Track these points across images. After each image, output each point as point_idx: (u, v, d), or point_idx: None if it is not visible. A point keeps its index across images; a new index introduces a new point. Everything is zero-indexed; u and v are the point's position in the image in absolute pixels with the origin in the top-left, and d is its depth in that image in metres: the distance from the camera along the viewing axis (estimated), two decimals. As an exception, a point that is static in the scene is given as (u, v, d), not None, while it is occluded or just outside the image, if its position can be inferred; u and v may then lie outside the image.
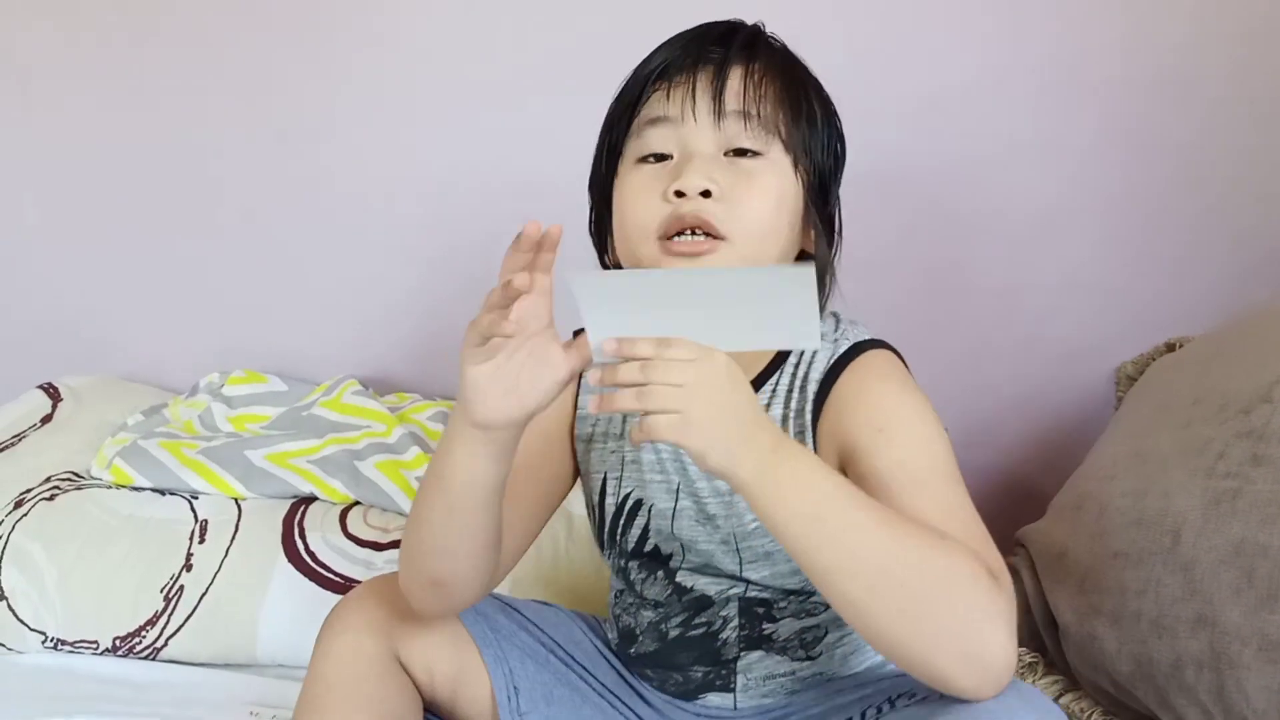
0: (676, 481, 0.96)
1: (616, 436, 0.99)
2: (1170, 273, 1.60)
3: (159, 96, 1.66)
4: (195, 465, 1.45)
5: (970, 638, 0.70)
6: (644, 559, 1.00)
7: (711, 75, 0.87)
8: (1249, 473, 1.09)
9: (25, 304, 1.80)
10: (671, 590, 0.99)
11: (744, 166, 0.87)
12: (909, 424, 0.85)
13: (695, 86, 0.87)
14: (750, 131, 0.87)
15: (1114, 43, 1.50)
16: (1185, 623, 1.08)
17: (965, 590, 0.71)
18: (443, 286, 1.73)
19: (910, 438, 0.83)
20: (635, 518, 0.98)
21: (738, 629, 0.97)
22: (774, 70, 0.89)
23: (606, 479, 0.99)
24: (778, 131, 0.88)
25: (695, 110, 0.87)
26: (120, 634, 1.31)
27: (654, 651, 1.02)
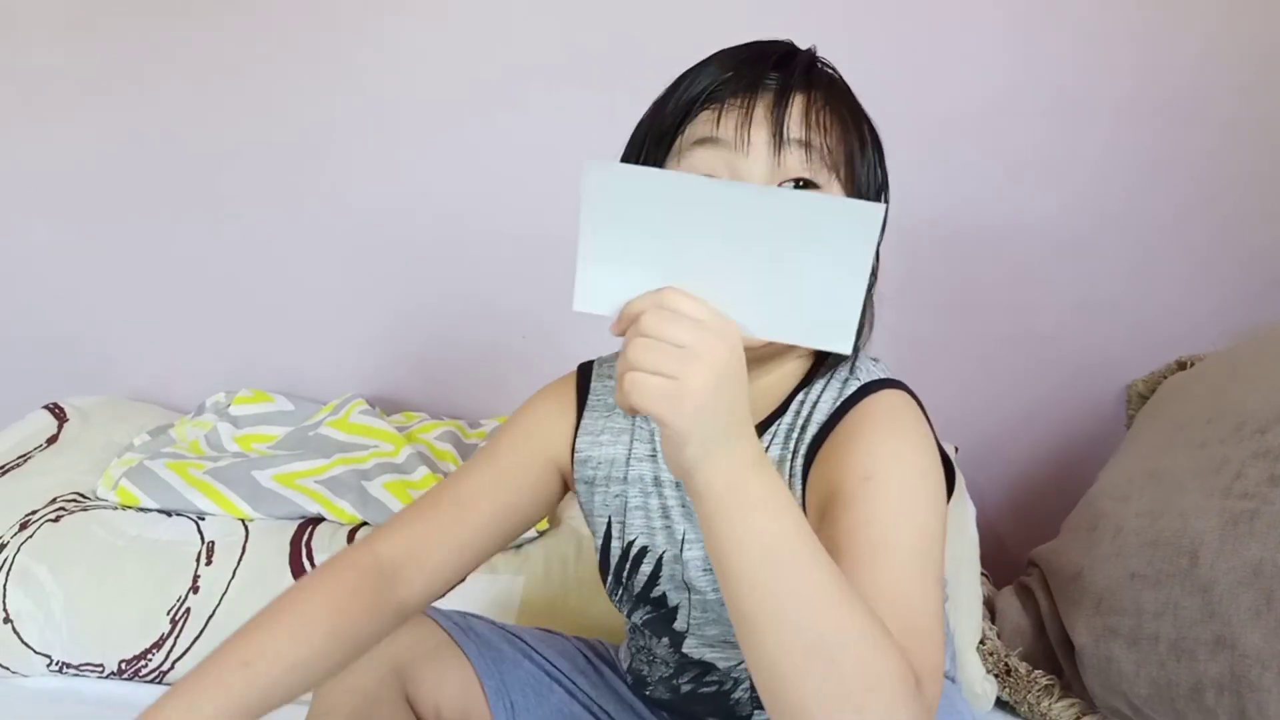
0: (682, 530, 0.91)
1: (620, 480, 0.95)
2: (1180, 291, 1.60)
3: (165, 117, 1.66)
4: (202, 486, 1.44)
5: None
6: (651, 609, 0.96)
7: (771, 102, 0.80)
8: (1267, 493, 1.08)
9: (31, 323, 1.80)
10: (680, 658, 0.97)
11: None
12: (899, 480, 0.76)
13: (753, 112, 0.80)
14: (810, 163, 0.80)
15: (1126, 65, 1.50)
16: (1204, 645, 1.07)
17: (888, 693, 0.61)
18: (450, 305, 1.72)
19: (894, 496, 0.74)
20: (641, 564, 0.95)
21: (749, 689, 0.94)
22: (835, 100, 0.83)
23: (611, 523, 0.96)
24: (837, 166, 0.81)
25: (750, 137, 0.79)
26: (126, 657, 1.30)
27: (668, 700, 1.00)
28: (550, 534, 1.42)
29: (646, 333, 0.60)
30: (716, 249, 0.62)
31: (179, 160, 1.69)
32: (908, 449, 0.79)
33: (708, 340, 0.60)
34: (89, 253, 1.75)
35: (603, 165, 0.61)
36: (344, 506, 1.42)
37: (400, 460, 1.51)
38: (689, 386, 0.59)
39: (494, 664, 1.00)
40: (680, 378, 0.59)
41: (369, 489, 1.44)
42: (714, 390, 0.60)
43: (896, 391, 0.85)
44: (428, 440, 1.60)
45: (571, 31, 1.56)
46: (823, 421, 0.84)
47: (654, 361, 0.60)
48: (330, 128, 1.65)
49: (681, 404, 0.60)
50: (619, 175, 0.61)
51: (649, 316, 0.61)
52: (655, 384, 0.60)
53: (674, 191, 0.61)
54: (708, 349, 0.60)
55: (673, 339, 0.60)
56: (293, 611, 0.82)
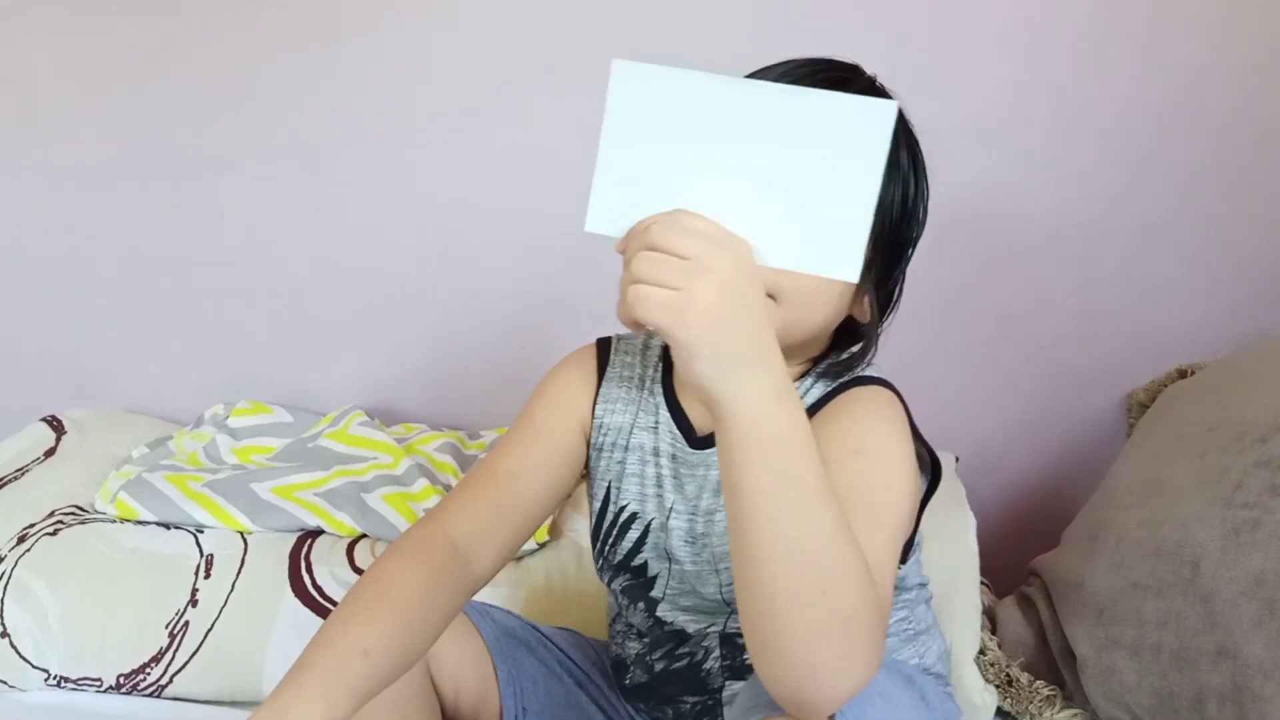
0: (671, 500, 0.95)
1: (622, 448, 0.98)
2: (1181, 299, 1.60)
3: (163, 127, 1.66)
4: (200, 498, 1.43)
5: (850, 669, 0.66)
6: (631, 577, 0.99)
7: None
8: (1268, 502, 1.08)
9: (29, 335, 1.80)
10: (653, 622, 1.00)
11: None
12: (885, 459, 0.80)
13: None
14: None
15: (1124, 71, 1.50)
16: (1206, 655, 1.06)
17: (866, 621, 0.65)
18: (450, 316, 1.72)
19: (880, 471, 0.79)
20: (628, 531, 0.98)
21: (719, 659, 0.98)
22: None
23: (610, 488, 0.99)
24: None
25: None
26: (124, 671, 1.29)
27: (644, 684, 1.03)
28: (550, 547, 1.41)
29: (652, 245, 0.60)
30: (733, 159, 0.61)
31: (177, 170, 1.68)
32: (893, 439, 0.82)
33: (714, 253, 0.60)
34: (86, 264, 1.75)
35: (632, 65, 0.60)
36: (343, 519, 1.41)
37: (400, 472, 1.51)
38: (693, 297, 0.59)
39: (509, 649, 1.03)
40: (684, 289, 0.59)
41: (368, 501, 1.44)
42: (720, 303, 0.59)
43: (883, 389, 0.89)
44: (427, 452, 1.60)
45: (574, 43, 1.56)
46: (813, 403, 0.88)
47: (658, 274, 0.59)
48: (330, 138, 1.65)
49: (685, 315, 0.59)
50: (647, 76, 0.60)
51: (656, 228, 0.60)
52: (658, 295, 0.59)
53: (697, 91, 0.61)
54: (714, 260, 0.59)
55: (678, 251, 0.59)
56: (394, 598, 0.83)
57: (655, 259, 0.60)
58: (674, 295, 0.59)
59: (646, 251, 0.60)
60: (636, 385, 0.99)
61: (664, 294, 0.59)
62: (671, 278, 0.59)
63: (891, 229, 0.87)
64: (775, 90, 0.60)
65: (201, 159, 1.67)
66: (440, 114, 1.62)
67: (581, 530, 1.44)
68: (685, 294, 0.59)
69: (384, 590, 0.83)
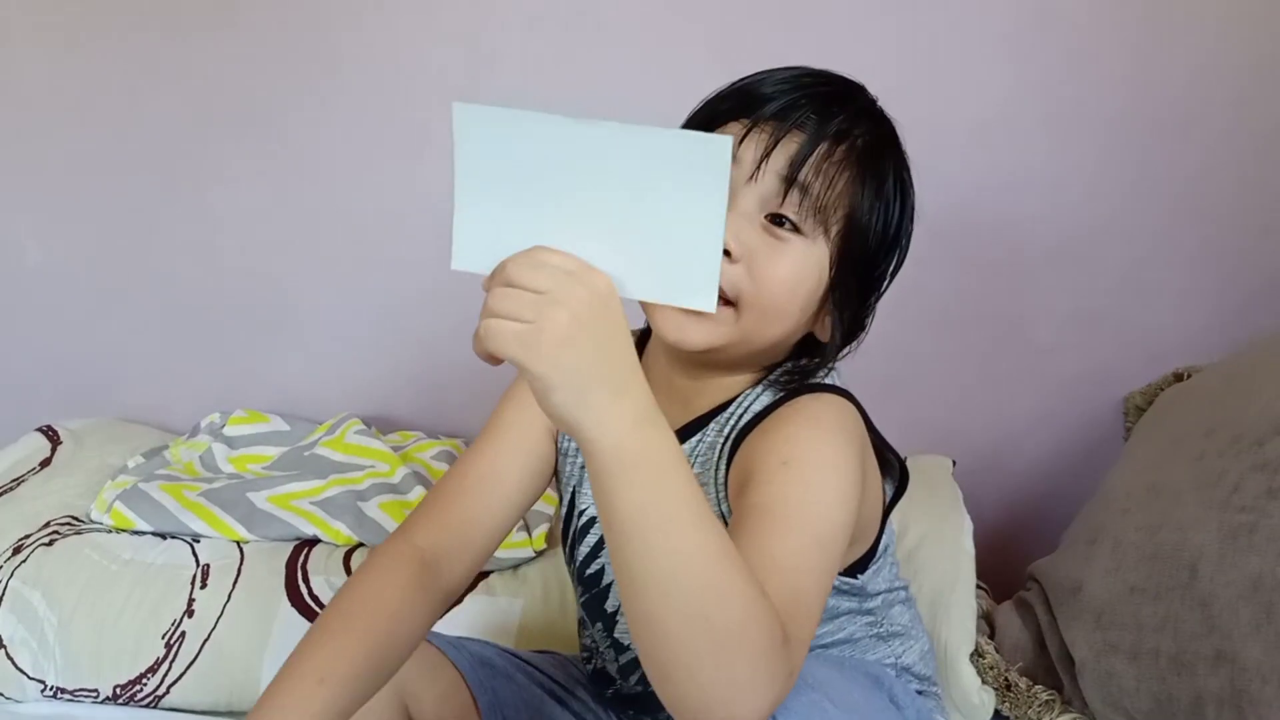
0: None
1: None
2: (1177, 302, 1.60)
3: (160, 137, 1.65)
4: (196, 508, 1.43)
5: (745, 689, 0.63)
6: (584, 589, 0.99)
7: (799, 141, 0.81)
8: (1265, 506, 1.08)
9: (25, 345, 1.79)
10: (610, 644, 0.99)
11: (778, 235, 0.82)
12: (815, 469, 0.78)
13: (776, 145, 0.81)
14: (801, 209, 0.81)
15: (1120, 77, 1.50)
16: (1204, 659, 1.06)
17: (756, 649, 0.63)
18: (446, 324, 1.72)
19: (807, 482, 0.77)
20: (586, 535, 0.97)
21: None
22: (862, 157, 0.83)
23: (575, 493, 0.99)
24: (826, 222, 0.82)
25: (763, 165, 0.81)
26: (121, 682, 1.29)
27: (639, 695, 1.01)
28: (547, 557, 1.41)
29: (508, 281, 0.60)
30: (584, 195, 0.61)
31: (174, 180, 1.68)
32: (827, 446, 0.80)
33: (566, 285, 0.60)
34: (82, 273, 1.74)
35: (471, 107, 0.60)
36: (340, 528, 1.41)
37: (396, 480, 1.51)
38: (544, 329, 0.59)
39: (487, 679, 1.01)
40: (535, 321, 0.59)
41: (365, 510, 1.43)
42: (572, 334, 0.59)
43: (833, 396, 0.87)
44: (424, 460, 1.60)
45: (569, 48, 1.56)
46: (758, 411, 0.86)
47: (511, 308, 0.60)
48: (326, 146, 1.64)
49: (537, 347, 0.59)
50: (488, 117, 0.61)
51: (512, 265, 0.61)
52: (510, 328, 0.59)
53: (539, 131, 0.61)
54: (566, 293, 0.60)
55: (532, 286, 0.60)
56: (356, 619, 0.83)
57: (509, 293, 0.60)
58: (526, 328, 0.59)
59: (501, 288, 0.60)
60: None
61: (516, 327, 0.59)
62: (524, 311, 0.59)
63: (867, 256, 0.86)
64: (615, 129, 0.60)
65: (198, 169, 1.67)
66: (437, 121, 1.62)
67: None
68: (536, 326, 0.59)
69: (349, 611, 0.84)
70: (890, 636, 0.99)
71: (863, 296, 0.88)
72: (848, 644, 0.96)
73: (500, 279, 0.61)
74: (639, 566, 0.63)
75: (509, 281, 0.60)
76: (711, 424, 0.89)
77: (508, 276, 0.61)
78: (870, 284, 0.88)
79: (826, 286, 0.85)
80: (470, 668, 1.01)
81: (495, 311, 0.60)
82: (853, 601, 0.95)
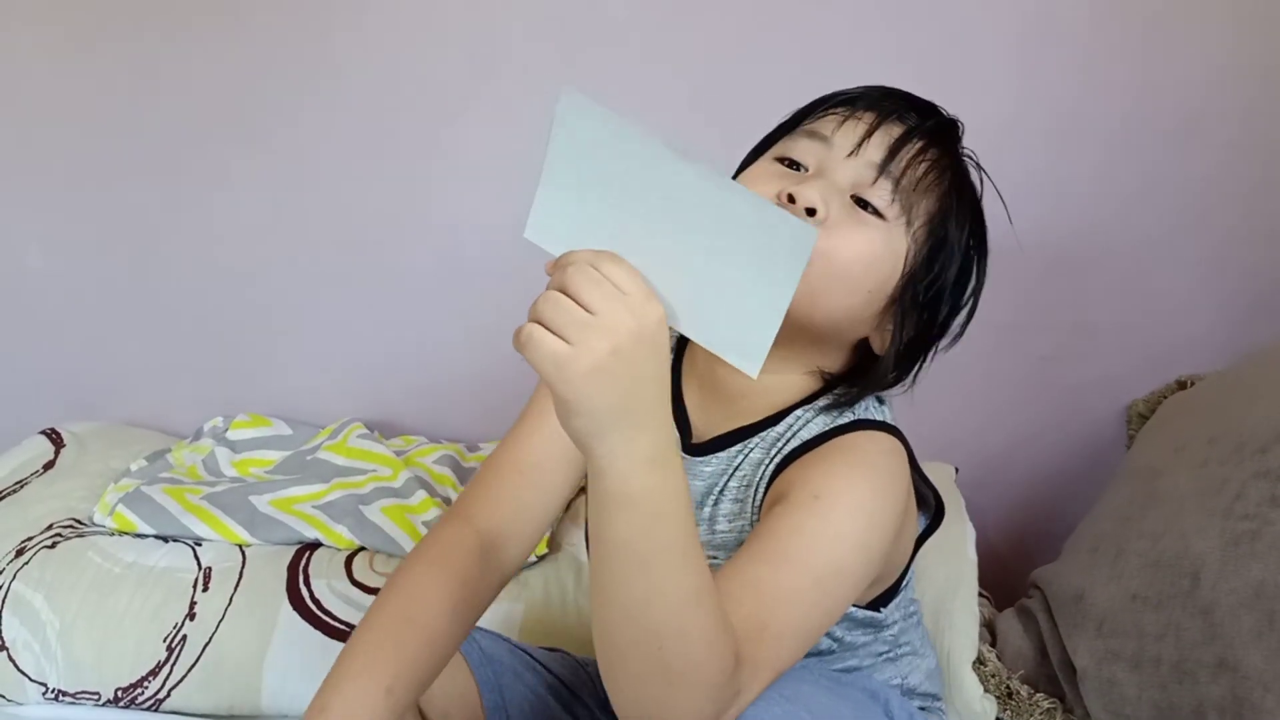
0: None
1: None
2: (1180, 310, 1.60)
3: (161, 143, 1.66)
4: (199, 511, 1.43)
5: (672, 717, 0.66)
6: None
7: (896, 131, 0.84)
8: (1268, 513, 1.08)
9: (29, 349, 1.79)
10: None
11: (860, 215, 0.83)
12: (844, 510, 0.78)
13: (876, 129, 0.83)
14: (890, 195, 0.83)
15: (1124, 86, 1.50)
16: (1206, 667, 1.06)
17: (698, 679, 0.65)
18: (449, 328, 1.72)
19: (830, 522, 0.77)
20: None
21: None
22: (954, 169, 0.87)
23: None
24: (910, 212, 0.83)
25: (861, 146, 0.83)
26: (122, 685, 1.29)
27: None
28: (550, 560, 1.41)
29: (564, 287, 0.59)
30: (661, 220, 0.60)
31: (176, 186, 1.68)
32: (866, 490, 0.80)
33: (618, 313, 0.58)
34: (86, 278, 1.75)
35: (578, 98, 0.59)
36: (341, 532, 1.41)
37: (398, 485, 1.51)
38: (580, 356, 0.58)
39: (495, 677, 1.01)
40: (576, 344, 0.58)
41: (366, 514, 1.43)
42: (608, 367, 0.58)
43: (884, 436, 0.86)
44: (426, 464, 1.60)
45: (571, 53, 1.56)
46: (806, 439, 0.85)
47: (556, 320, 0.58)
48: (327, 152, 1.65)
49: (569, 372, 0.58)
50: (589, 112, 0.60)
51: (574, 271, 0.59)
52: (549, 343, 0.58)
53: (633, 146, 0.60)
54: (615, 321, 0.58)
55: (584, 301, 0.58)
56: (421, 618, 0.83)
57: (560, 303, 0.58)
58: (564, 349, 0.58)
59: (555, 292, 0.59)
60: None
61: (555, 344, 0.58)
62: (567, 328, 0.58)
63: (942, 272, 0.87)
64: (710, 177, 0.59)
65: (201, 175, 1.67)
66: (438, 127, 1.62)
67: (579, 544, 1.44)
68: (574, 351, 0.58)
69: (409, 609, 0.83)
70: (899, 658, 0.99)
71: (927, 318, 0.88)
72: (856, 670, 0.96)
73: (558, 279, 0.60)
74: (611, 589, 0.65)
75: (564, 287, 0.59)
76: (757, 439, 0.88)
77: (565, 281, 0.59)
78: (935, 308, 0.88)
79: (896, 286, 0.84)
80: (479, 664, 1.01)
81: (541, 318, 0.59)
82: (869, 634, 0.95)
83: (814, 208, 0.80)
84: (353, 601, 1.33)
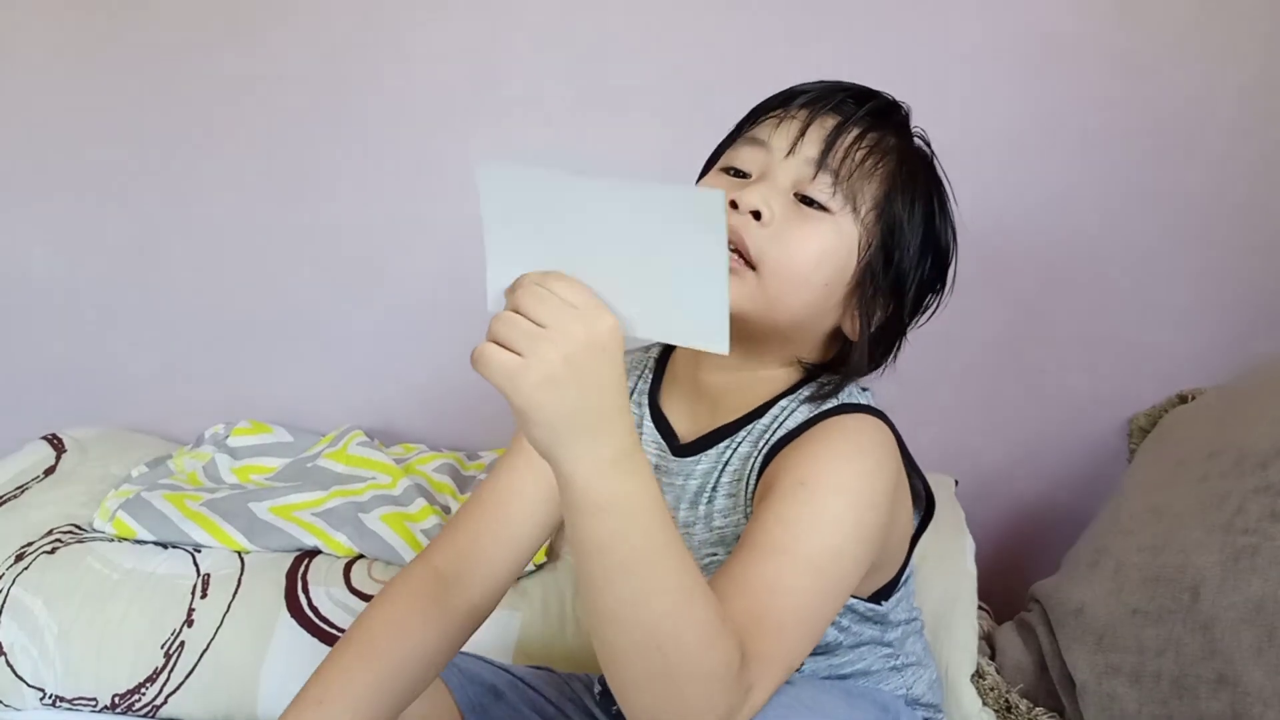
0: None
1: None
2: (1181, 324, 1.60)
3: (164, 150, 1.67)
4: (198, 518, 1.43)
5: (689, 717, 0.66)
6: None
7: (830, 123, 0.85)
8: (1268, 528, 1.08)
9: (31, 355, 1.80)
10: None
11: (806, 212, 0.84)
12: (830, 492, 0.78)
13: (810, 125, 0.84)
14: (830, 191, 0.83)
15: (1124, 98, 1.50)
16: (1206, 683, 1.06)
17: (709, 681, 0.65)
18: (449, 336, 1.72)
19: (817, 507, 0.77)
20: None
21: None
22: (894, 152, 0.86)
23: None
24: (854, 199, 0.84)
25: (797, 145, 0.84)
26: (119, 691, 1.29)
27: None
28: (548, 570, 1.41)
29: (513, 307, 0.61)
30: (598, 245, 0.63)
31: (178, 193, 1.69)
32: (851, 471, 0.80)
33: (566, 323, 0.60)
34: (89, 285, 1.75)
35: (492, 165, 0.62)
36: (340, 539, 1.41)
37: (398, 492, 1.51)
38: (532, 365, 0.59)
39: (477, 699, 1.01)
40: (527, 355, 0.59)
41: (366, 521, 1.43)
42: (559, 375, 0.60)
43: (868, 418, 0.86)
44: (425, 472, 1.60)
45: (575, 66, 1.56)
46: (792, 429, 0.86)
47: (508, 336, 0.60)
48: (329, 160, 1.65)
49: (521, 382, 0.60)
50: (507, 175, 0.63)
51: (523, 291, 0.61)
52: (500, 356, 0.60)
53: (552, 188, 0.63)
54: (564, 331, 0.60)
55: (534, 316, 0.60)
56: (360, 642, 0.86)
57: (511, 319, 0.60)
58: (515, 361, 0.60)
59: (507, 312, 0.61)
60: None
61: (505, 357, 0.60)
62: (518, 342, 0.60)
63: (898, 254, 0.87)
64: (615, 184, 0.61)
65: (204, 183, 1.68)
66: (440, 137, 1.63)
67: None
68: (525, 362, 0.59)
69: (362, 637, 0.86)
70: (904, 667, 0.99)
71: (894, 299, 0.88)
72: (864, 675, 0.96)
73: (511, 301, 0.62)
74: (598, 597, 0.65)
75: (517, 306, 0.61)
76: (743, 432, 0.89)
77: (517, 300, 0.61)
78: (900, 288, 0.88)
79: (854, 273, 0.85)
80: (460, 685, 1.01)
81: (494, 336, 0.61)
82: (875, 630, 0.95)
83: (758, 210, 0.82)
84: (351, 610, 1.33)
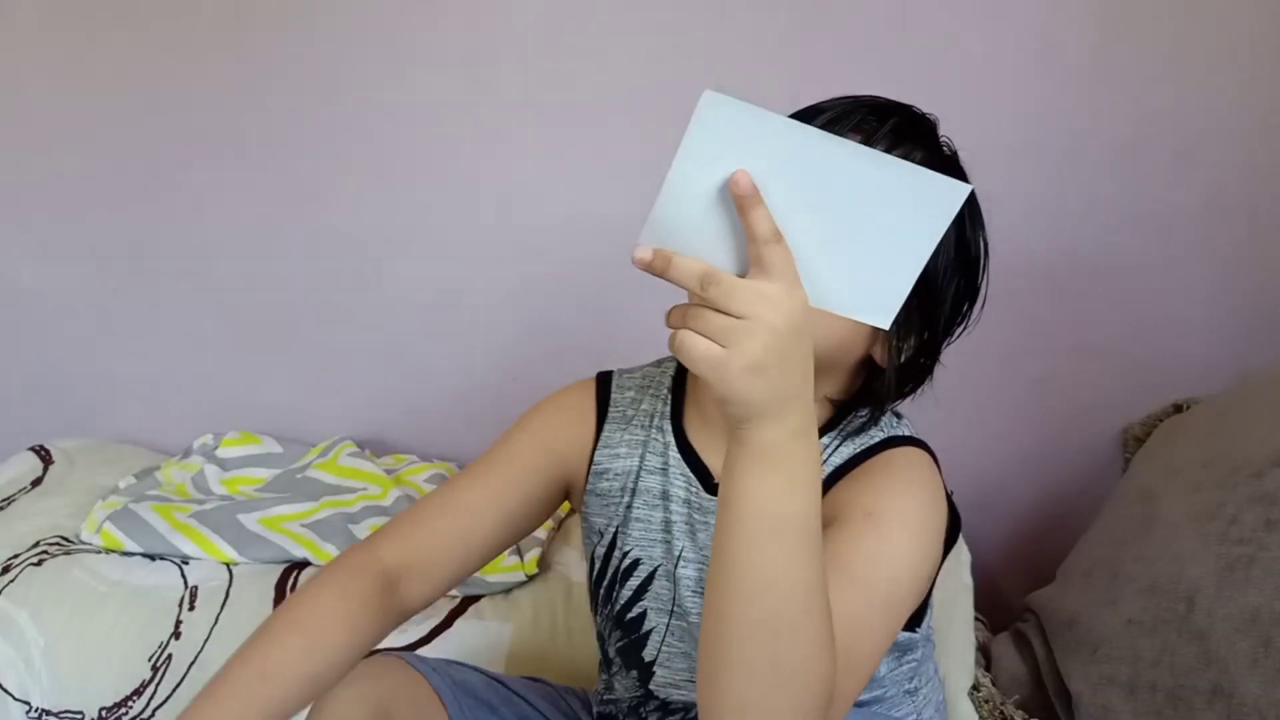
0: (681, 546, 0.92)
1: (630, 492, 0.95)
2: (1176, 334, 1.60)
3: (155, 159, 1.66)
4: (186, 529, 1.42)
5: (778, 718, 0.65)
6: (624, 633, 0.96)
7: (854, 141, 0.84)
8: (1263, 538, 1.07)
9: (19, 365, 1.79)
10: (642, 695, 0.97)
11: None
12: (898, 528, 0.79)
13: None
14: None
15: (1123, 111, 1.50)
16: (1201, 694, 1.05)
17: (812, 697, 0.65)
18: (440, 348, 1.72)
19: (887, 540, 0.78)
20: (629, 579, 0.95)
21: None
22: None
23: (617, 535, 0.96)
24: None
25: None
26: (106, 705, 1.27)
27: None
28: (540, 580, 1.40)
29: (709, 303, 0.61)
30: (801, 204, 0.62)
31: (168, 203, 1.68)
32: (915, 505, 0.81)
33: (764, 314, 0.60)
34: (78, 295, 1.74)
35: (721, 97, 0.60)
36: (330, 550, 1.40)
37: (388, 503, 1.50)
38: (734, 357, 0.60)
39: (471, 711, 0.99)
40: (730, 347, 0.60)
41: (355, 532, 1.42)
42: (761, 360, 0.60)
43: (919, 451, 0.88)
44: (416, 483, 1.59)
45: (570, 78, 1.56)
46: (839, 465, 0.86)
47: (709, 328, 0.60)
48: (320, 173, 1.64)
49: (725, 372, 0.60)
50: (734, 111, 0.60)
51: (715, 289, 0.60)
52: (703, 347, 0.60)
53: (781, 135, 0.61)
54: (764, 322, 0.60)
55: (733, 310, 0.60)
56: (306, 623, 0.84)
57: (708, 315, 0.60)
58: (719, 353, 0.60)
59: (702, 308, 0.61)
60: (643, 424, 0.96)
61: (708, 348, 0.60)
62: (721, 334, 0.60)
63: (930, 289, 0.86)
64: (859, 152, 0.61)
65: (193, 193, 1.67)
66: (430, 148, 1.62)
67: (570, 563, 1.42)
68: (728, 353, 0.60)
69: (299, 614, 0.84)
70: (916, 691, 0.98)
71: (927, 324, 0.88)
72: (880, 702, 0.95)
73: (702, 296, 0.61)
74: (737, 564, 0.64)
75: (709, 303, 0.60)
76: None
77: (706, 292, 0.60)
78: (934, 314, 0.88)
79: None
80: (453, 698, 0.99)
81: (694, 326, 0.61)
82: (893, 661, 0.94)
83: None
84: (341, 621, 1.32)
